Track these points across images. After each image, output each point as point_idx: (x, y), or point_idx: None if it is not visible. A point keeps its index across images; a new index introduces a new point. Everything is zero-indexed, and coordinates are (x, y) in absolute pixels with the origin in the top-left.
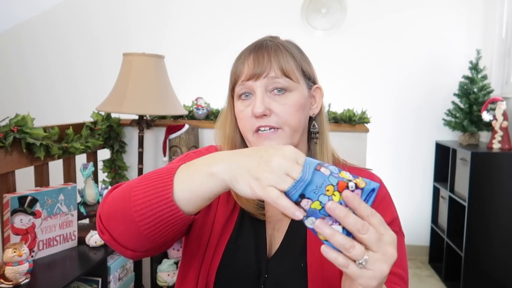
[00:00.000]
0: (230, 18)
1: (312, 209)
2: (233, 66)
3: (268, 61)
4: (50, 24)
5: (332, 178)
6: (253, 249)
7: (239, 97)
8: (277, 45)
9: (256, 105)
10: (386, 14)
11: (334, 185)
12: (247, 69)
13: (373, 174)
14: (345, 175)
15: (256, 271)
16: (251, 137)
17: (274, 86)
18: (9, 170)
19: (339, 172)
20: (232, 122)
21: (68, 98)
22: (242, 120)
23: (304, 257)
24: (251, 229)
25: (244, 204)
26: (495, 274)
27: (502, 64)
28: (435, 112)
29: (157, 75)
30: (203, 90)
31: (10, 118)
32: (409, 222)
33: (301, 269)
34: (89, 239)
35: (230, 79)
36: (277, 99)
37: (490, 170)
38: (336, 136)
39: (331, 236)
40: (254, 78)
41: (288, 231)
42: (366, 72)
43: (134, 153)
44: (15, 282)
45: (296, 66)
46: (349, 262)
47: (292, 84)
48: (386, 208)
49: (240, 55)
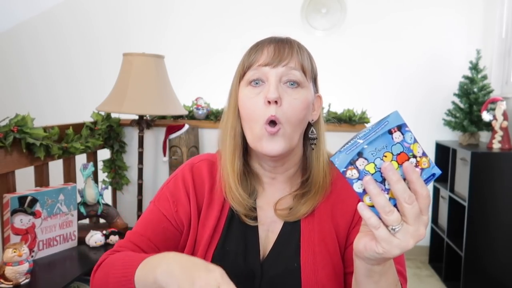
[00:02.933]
0: (230, 18)
1: (366, 171)
2: (247, 54)
3: (290, 52)
4: (50, 24)
5: (397, 146)
6: (242, 254)
7: (249, 83)
8: (298, 43)
9: (270, 90)
10: (386, 14)
11: (394, 154)
12: (266, 55)
13: None
14: (416, 147)
15: (248, 274)
16: (259, 129)
17: (289, 77)
18: (9, 170)
19: (412, 144)
20: (235, 112)
21: (68, 98)
22: (250, 108)
23: (298, 257)
24: (240, 234)
25: (236, 205)
26: (495, 274)
27: (502, 64)
28: (435, 112)
29: (157, 75)
30: (203, 90)
31: (10, 118)
32: None
33: (294, 269)
34: (89, 239)
35: (241, 65)
36: (288, 92)
37: (490, 170)
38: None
39: (376, 195)
40: (273, 65)
41: (281, 232)
42: (366, 72)
43: (134, 153)
44: (15, 282)
45: (311, 69)
46: (381, 225)
47: (306, 81)
48: None
49: (256, 44)
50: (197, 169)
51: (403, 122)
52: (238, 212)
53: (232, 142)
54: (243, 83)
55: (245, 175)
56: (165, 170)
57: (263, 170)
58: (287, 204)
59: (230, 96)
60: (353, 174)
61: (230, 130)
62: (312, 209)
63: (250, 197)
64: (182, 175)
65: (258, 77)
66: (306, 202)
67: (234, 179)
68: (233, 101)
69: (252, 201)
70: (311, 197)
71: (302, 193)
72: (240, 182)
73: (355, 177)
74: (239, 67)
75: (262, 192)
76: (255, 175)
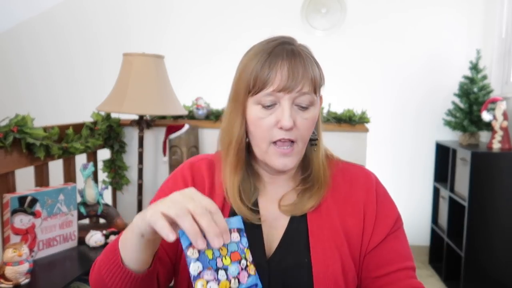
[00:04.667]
0: (230, 18)
1: (205, 254)
2: (259, 69)
3: (304, 74)
4: (50, 24)
5: (233, 245)
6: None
7: (260, 103)
8: (307, 55)
9: (285, 118)
10: (386, 14)
11: (229, 250)
12: (280, 79)
13: (366, 170)
14: (248, 253)
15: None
16: (266, 147)
17: (301, 101)
18: (9, 170)
19: (246, 248)
20: (242, 124)
21: (68, 98)
22: (260, 128)
23: (308, 252)
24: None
25: (237, 210)
26: (495, 274)
27: (502, 64)
28: (435, 112)
29: (157, 75)
30: (203, 90)
31: (10, 118)
32: (409, 222)
33: (305, 264)
34: (89, 239)
35: (251, 80)
36: (300, 113)
37: (490, 170)
38: (336, 136)
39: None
40: (287, 91)
41: (287, 229)
42: (366, 72)
43: (134, 153)
44: (15, 282)
45: (320, 80)
46: None
47: (315, 99)
48: (390, 204)
49: (267, 59)
50: (196, 167)
51: (243, 227)
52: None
53: (235, 158)
54: (253, 100)
55: (248, 176)
56: (165, 170)
57: (265, 172)
58: (291, 200)
59: (235, 102)
60: (194, 253)
61: (235, 145)
62: (319, 203)
63: (251, 197)
64: (181, 173)
65: (271, 101)
66: (312, 197)
67: (233, 192)
68: (240, 114)
69: (251, 205)
70: (316, 192)
71: (305, 188)
72: (241, 190)
73: (195, 256)
74: (247, 76)
75: (264, 189)
76: (256, 174)
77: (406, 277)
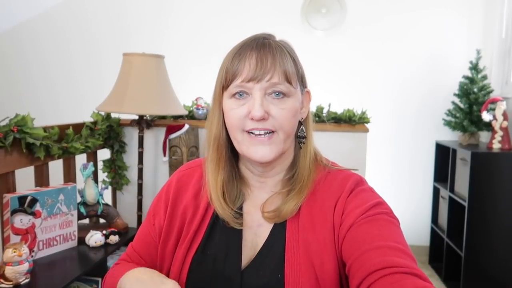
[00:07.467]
0: (230, 18)
1: None
2: (229, 62)
3: (272, 64)
4: (50, 24)
5: None
6: (222, 259)
7: (232, 96)
8: (280, 47)
9: (255, 108)
10: (386, 14)
11: None
12: (248, 69)
13: (348, 173)
14: None
15: (226, 282)
16: (239, 136)
17: (273, 90)
18: (9, 170)
19: None
20: (219, 120)
21: (68, 98)
22: (232, 118)
23: (282, 268)
24: (223, 238)
25: (220, 212)
26: (495, 274)
27: (502, 64)
28: (435, 112)
29: (157, 75)
30: (203, 90)
31: (10, 118)
32: (409, 222)
33: (277, 281)
34: (89, 239)
35: (223, 75)
36: (275, 103)
37: (490, 170)
38: (336, 136)
39: None
40: (256, 80)
41: (268, 238)
42: (366, 72)
43: (134, 153)
44: (15, 282)
45: (296, 71)
46: None
47: (291, 89)
48: (367, 196)
49: (237, 51)
50: (183, 176)
51: None
52: (223, 216)
53: (215, 154)
54: (227, 94)
55: (232, 178)
56: (165, 170)
57: (251, 174)
58: (274, 206)
59: (213, 101)
60: None
61: (213, 141)
62: (298, 207)
63: (237, 201)
64: (168, 186)
65: (241, 91)
66: (291, 200)
67: (217, 192)
68: (217, 109)
69: (236, 209)
70: (295, 194)
71: (287, 190)
72: (225, 191)
73: None
74: (221, 73)
75: (250, 194)
76: (242, 178)
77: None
